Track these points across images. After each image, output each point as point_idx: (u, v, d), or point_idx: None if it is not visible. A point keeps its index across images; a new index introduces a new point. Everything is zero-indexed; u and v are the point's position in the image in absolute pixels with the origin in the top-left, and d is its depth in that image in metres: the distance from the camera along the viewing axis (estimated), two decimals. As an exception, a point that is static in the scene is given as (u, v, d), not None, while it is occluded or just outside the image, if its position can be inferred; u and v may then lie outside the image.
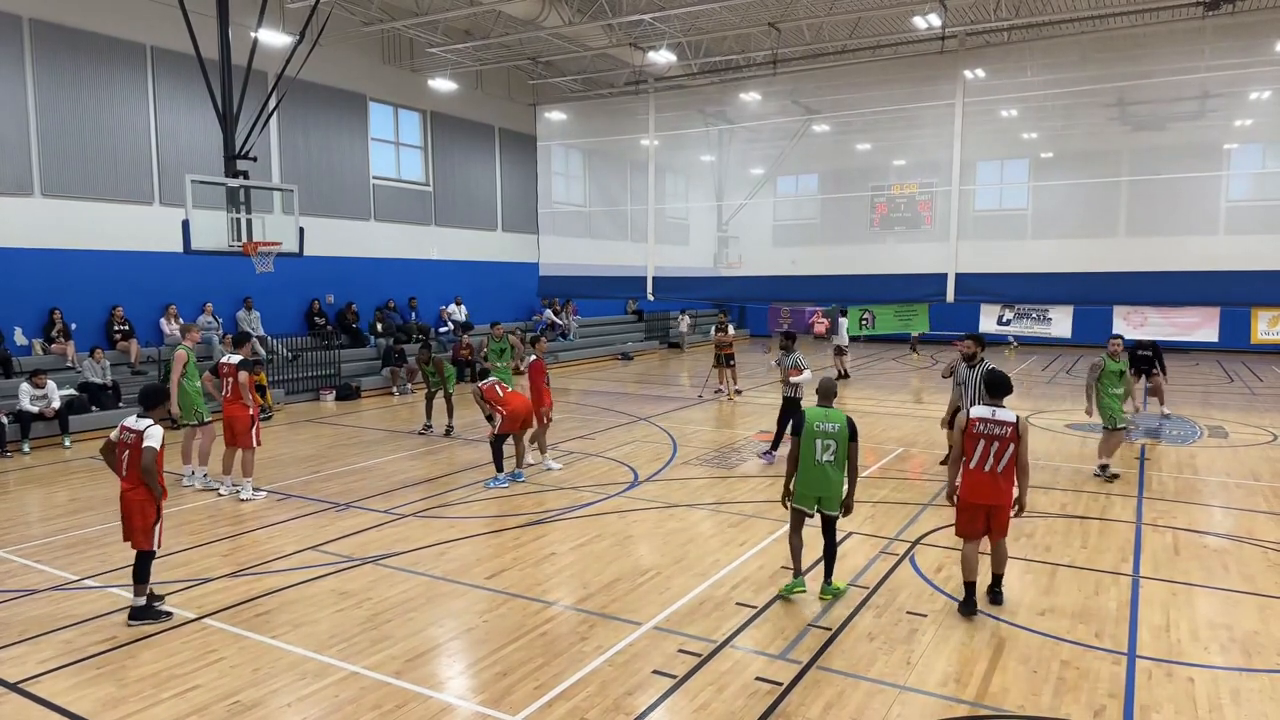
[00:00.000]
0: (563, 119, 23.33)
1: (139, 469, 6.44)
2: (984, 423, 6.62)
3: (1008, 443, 6.53)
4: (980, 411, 6.70)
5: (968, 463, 6.65)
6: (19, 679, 5.68)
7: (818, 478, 6.82)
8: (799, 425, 6.86)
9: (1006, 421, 6.56)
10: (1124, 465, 11.95)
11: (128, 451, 6.52)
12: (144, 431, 6.49)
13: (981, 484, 6.60)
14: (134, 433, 6.52)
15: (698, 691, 5.48)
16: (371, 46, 20.98)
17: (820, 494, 6.84)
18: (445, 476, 11.43)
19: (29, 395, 13.10)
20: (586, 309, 28.59)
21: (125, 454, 6.53)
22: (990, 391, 6.85)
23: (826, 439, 6.79)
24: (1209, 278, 15.38)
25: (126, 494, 6.55)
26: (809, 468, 6.84)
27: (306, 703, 5.36)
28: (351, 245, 20.73)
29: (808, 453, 6.81)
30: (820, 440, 6.79)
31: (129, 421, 6.63)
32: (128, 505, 6.53)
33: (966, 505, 6.69)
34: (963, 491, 6.70)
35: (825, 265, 19.55)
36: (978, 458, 6.61)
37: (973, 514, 6.66)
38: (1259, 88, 16.81)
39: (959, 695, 5.44)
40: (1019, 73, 17.58)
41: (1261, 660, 5.95)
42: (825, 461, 6.79)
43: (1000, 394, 6.78)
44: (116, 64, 15.94)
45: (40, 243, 15.08)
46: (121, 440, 6.59)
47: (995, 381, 6.89)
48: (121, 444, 6.58)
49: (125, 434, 6.58)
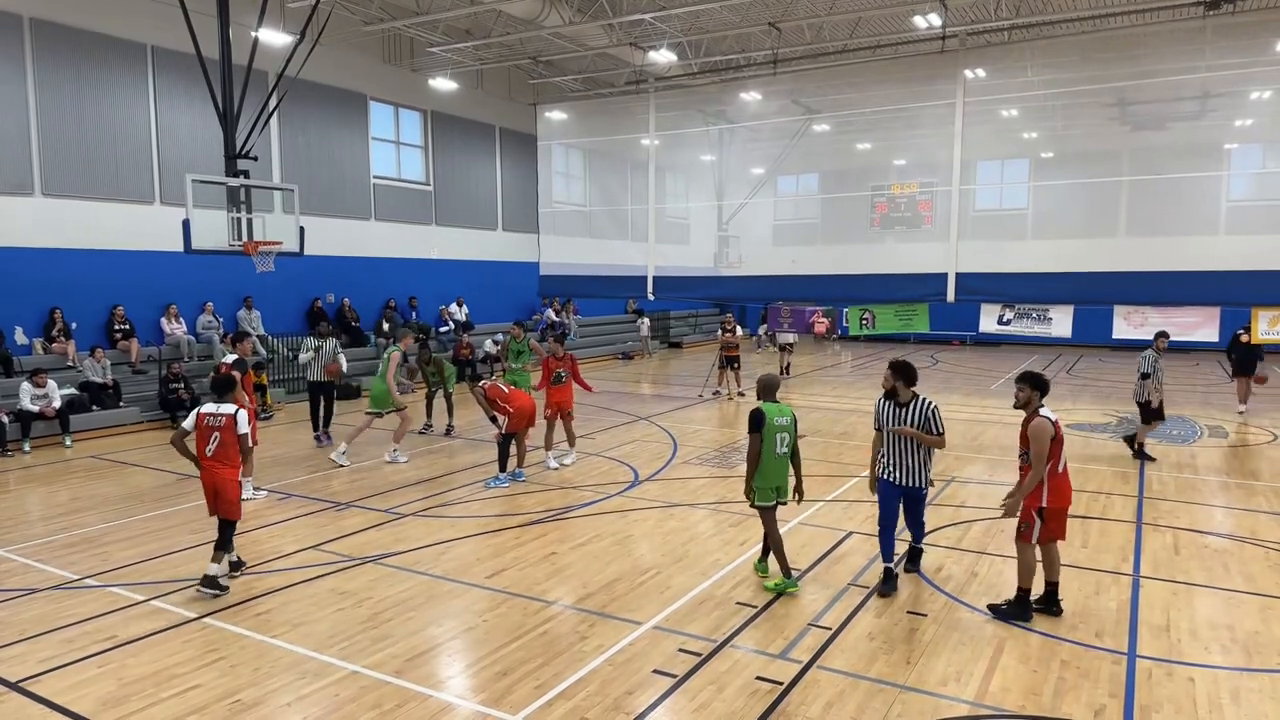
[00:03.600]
0: (563, 118, 23.31)
1: (233, 448, 7.23)
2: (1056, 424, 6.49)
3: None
4: (1052, 413, 6.52)
5: (1055, 467, 6.48)
6: (19, 678, 5.68)
7: (779, 470, 7.20)
8: (759, 423, 7.06)
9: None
10: (1124, 465, 11.96)
11: (217, 433, 7.20)
12: (235, 415, 7.25)
13: (1070, 485, 6.66)
14: (224, 415, 7.25)
15: (698, 691, 5.48)
16: (372, 46, 20.98)
17: (780, 484, 7.23)
18: (445, 476, 11.43)
19: (30, 394, 13.11)
20: (587, 308, 28.59)
21: (214, 435, 7.21)
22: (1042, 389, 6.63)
23: (783, 432, 7.15)
24: (1209, 277, 15.36)
25: (216, 472, 7.19)
26: (771, 461, 7.14)
27: (306, 702, 5.36)
28: (352, 245, 20.72)
29: (769, 447, 7.10)
30: (779, 434, 7.12)
31: (208, 408, 7.33)
32: (220, 481, 7.18)
33: (1065, 510, 6.62)
34: (1059, 499, 6.54)
35: (825, 265, 19.54)
36: (1064, 462, 6.56)
37: (1064, 518, 6.65)
38: (1259, 87, 16.78)
39: (959, 695, 5.44)
40: (1019, 72, 17.56)
41: (1262, 660, 5.95)
42: (782, 454, 7.18)
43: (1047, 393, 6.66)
44: (117, 63, 15.95)
45: (41, 242, 15.08)
46: (209, 425, 7.25)
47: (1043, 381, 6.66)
48: (210, 428, 7.24)
49: (212, 419, 7.26)
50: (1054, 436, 6.40)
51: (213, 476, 7.20)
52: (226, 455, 7.21)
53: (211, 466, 7.21)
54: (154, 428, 14.81)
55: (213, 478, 7.20)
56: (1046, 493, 6.49)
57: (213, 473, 7.20)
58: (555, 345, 12.27)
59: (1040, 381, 6.61)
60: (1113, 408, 16.90)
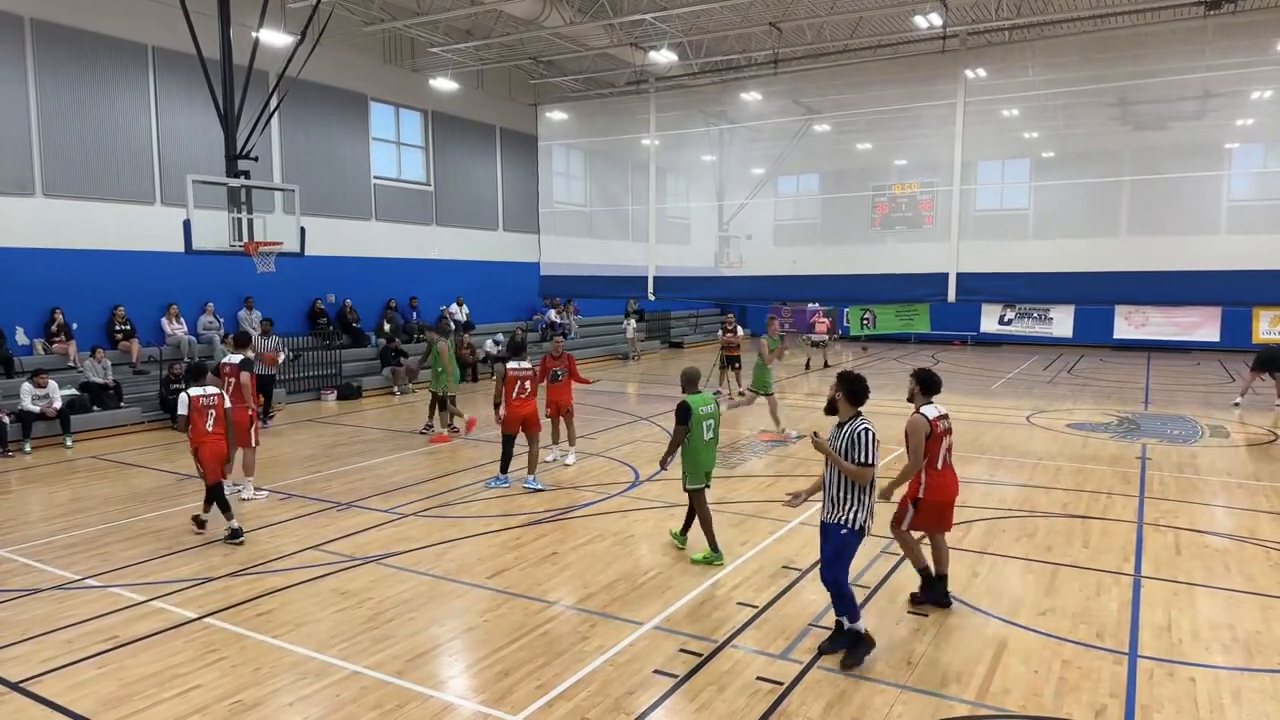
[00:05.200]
0: (564, 119, 23.32)
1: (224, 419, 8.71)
2: (944, 420, 6.71)
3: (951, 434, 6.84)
4: (932, 411, 6.65)
5: (933, 463, 6.59)
6: (20, 678, 5.68)
7: (708, 454, 7.91)
8: (687, 414, 7.67)
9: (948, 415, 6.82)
10: (1125, 465, 11.95)
11: (212, 411, 8.60)
12: (220, 393, 8.81)
13: (952, 481, 6.77)
14: (213, 394, 8.67)
15: (698, 691, 5.48)
16: (372, 46, 20.98)
17: (709, 468, 7.91)
18: (446, 476, 11.43)
19: (31, 395, 13.11)
20: (587, 309, 28.59)
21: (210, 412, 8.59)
22: (929, 390, 6.74)
23: (708, 420, 7.84)
24: (1210, 277, 15.37)
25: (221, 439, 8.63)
26: (700, 448, 7.80)
27: (307, 702, 5.36)
28: (352, 245, 20.72)
29: (698, 434, 7.74)
30: (705, 422, 7.79)
31: (196, 391, 8.57)
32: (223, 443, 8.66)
33: (944, 504, 6.71)
34: (935, 493, 6.63)
35: (826, 265, 19.55)
36: (942, 457, 6.66)
37: (945, 511, 6.77)
38: (1260, 87, 16.79)
39: (960, 695, 5.43)
40: (1020, 72, 17.57)
41: (1263, 660, 5.94)
42: (710, 439, 7.87)
43: (936, 390, 6.79)
44: (118, 64, 15.95)
45: (42, 242, 15.08)
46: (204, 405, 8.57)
47: (931, 379, 6.78)
48: (205, 407, 8.57)
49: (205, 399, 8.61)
50: (930, 434, 6.54)
51: (217, 443, 8.53)
52: (223, 426, 8.70)
53: (214, 439, 8.54)
54: (155, 428, 14.82)
55: (217, 444, 8.53)
56: (924, 486, 6.64)
57: (217, 441, 8.54)
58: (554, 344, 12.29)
59: (925, 378, 6.71)
60: (1113, 408, 16.89)
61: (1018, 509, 9.77)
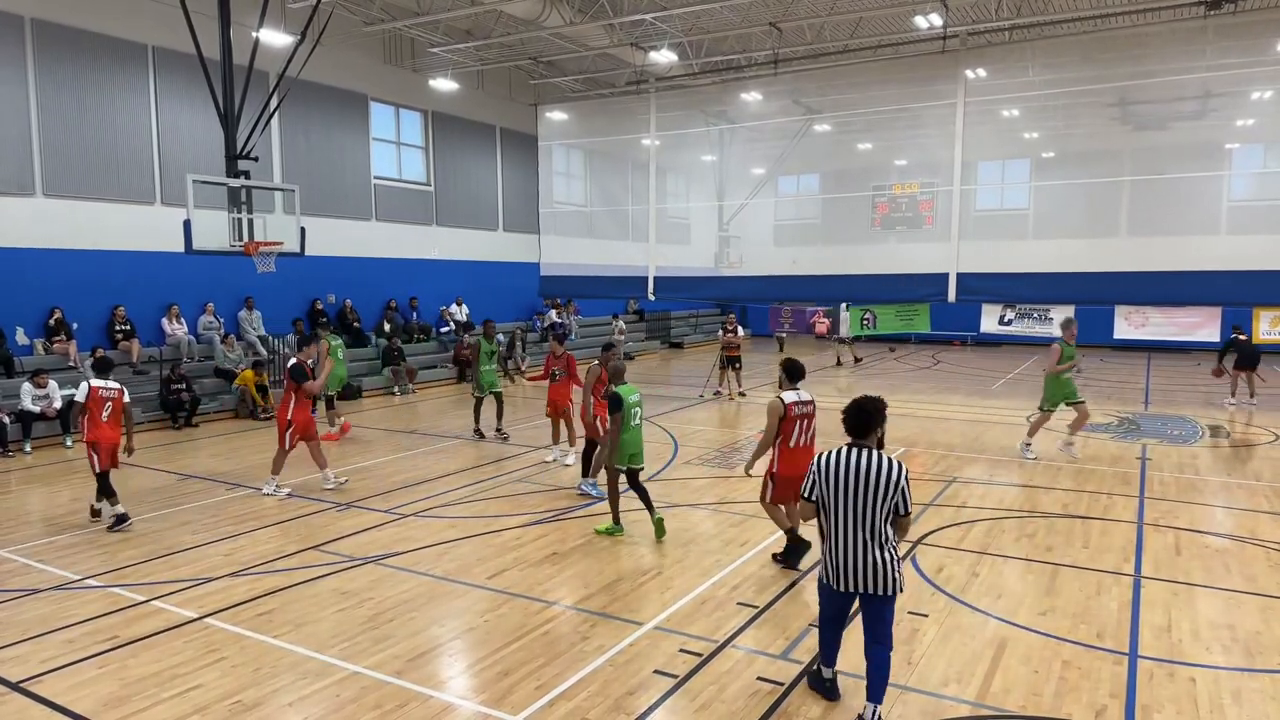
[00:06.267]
0: (564, 119, 23.32)
1: (120, 414, 9.18)
2: (801, 405, 7.55)
3: (813, 419, 7.65)
4: (791, 396, 7.54)
5: (786, 442, 7.48)
6: (21, 678, 5.68)
7: (634, 439, 8.64)
8: (619, 404, 8.38)
9: (810, 400, 7.66)
10: (1125, 465, 11.96)
11: (110, 404, 9.06)
12: (122, 389, 9.27)
13: (804, 458, 7.36)
14: (115, 389, 9.17)
15: (699, 691, 5.48)
16: (373, 46, 20.99)
17: (634, 451, 8.64)
18: (446, 476, 11.43)
19: (31, 395, 13.12)
20: (588, 309, 28.59)
21: (108, 405, 9.05)
22: (793, 377, 7.68)
23: (635, 408, 8.66)
24: (1211, 278, 15.37)
25: (116, 431, 9.11)
26: (628, 432, 8.54)
27: (308, 702, 5.36)
28: (353, 245, 20.73)
29: (626, 421, 8.49)
30: (633, 409, 8.62)
31: (98, 383, 9.14)
32: (116, 439, 9.13)
33: (794, 478, 7.25)
34: (787, 468, 7.45)
35: (826, 265, 19.54)
36: (795, 437, 7.51)
37: (797, 484, 7.10)
38: (1261, 87, 16.79)
39: (960, 695, 5.43)
40: (1020, 72, 17.57)
41: (1263, 660, 5.94)
42: (636, 425, 8.65)
43: (800, 378, 7.70)
44: (118, 64, 15.95)
45: (42, 242, 15.09)
46: (103, 396, 9.06)
47: (795, 368, 7.71)
48: (103, 399, 9.05)
49: (105, 390, 9.09)
50: (784, 415, 7.44)
51: (113, 433, 9.05)
52: (118, 420, 9.14)
53: (108, 429, 9.02)
54: (155, 428, 14.82)
55: (113, 434, 9.05)
56: (777, 461, 7.56)
57: (113, 431, 9.07)
58: (554, 344, 12.37)
59: (789, 367, 7.69)
60: (1113, 408, 16.89)
61: (1018, 509, 9.78)
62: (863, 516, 4.82)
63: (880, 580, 4.82)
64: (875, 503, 4.80)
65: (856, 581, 4.86)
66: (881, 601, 4.89)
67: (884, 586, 4.83)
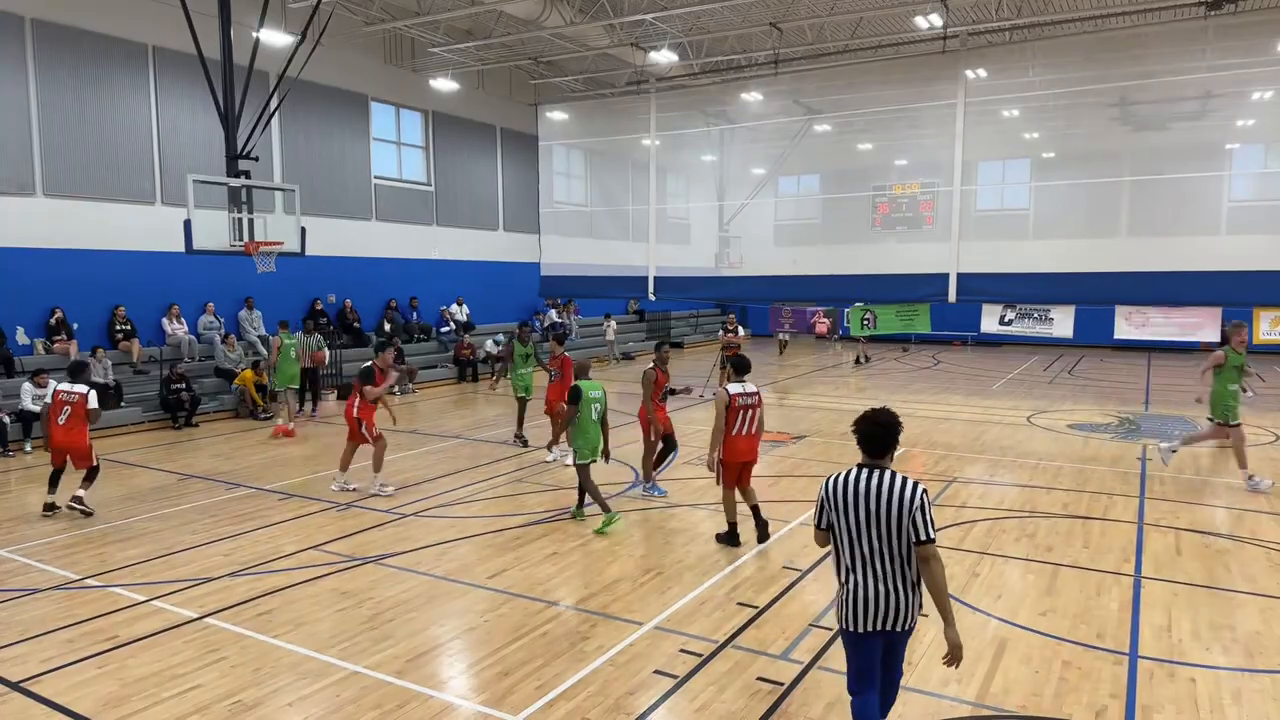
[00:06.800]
0: (564, 119, 23.32)
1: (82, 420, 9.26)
2: (746, 397, 8.15)
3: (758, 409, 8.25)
4: (736, 388, 8.20)
5: (731, 431, 8.06)
6: (21, 678, 5.68)
7: (595, 432, 8.99)
8: (577, 397, 8.82)
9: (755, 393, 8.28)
10: (1125, 465, 11.95)
11: (69, 407, 9.22)
12: (86, 394, 9.27)
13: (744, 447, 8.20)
14: (77, 394, 9.25)
15: (699, 691, 5.48)
16: (373, 46, 20.99)
17: (595, 444, 8.98)
18: (446, 476, 11.44)
19: (31, 395, 13.10)
20: (588, 309, 28.58)
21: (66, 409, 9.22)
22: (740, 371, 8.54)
23: (595, 402, 8.99)
24: (1211, 278, 15.36)
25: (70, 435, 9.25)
26: (588, 425, 8.92)
27: (308, 702, 5.36)
28: (353, 245, 20.73)
29: (586, 414, 8.87)
30: (593, 404, 8.95)
31: (64, 387, 9.34)
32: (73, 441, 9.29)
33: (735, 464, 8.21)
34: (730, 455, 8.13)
35: (826, 265, 19.55)
36: (738, 426, 8.09)
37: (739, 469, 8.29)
38: (1261, 88, 16.79)
39: (960, 695, 5.43)
40: (1020, 73, 17.58)
41: (1264, 661, 5.94)
42: (595, 419, 8.98)
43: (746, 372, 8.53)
44: (118, 64, 15.95)
45: (42, 242, 15.08)
46: (63, 400, 9.28)
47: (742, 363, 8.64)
48: (63, 403, 9.27)
49: (66, 395, 9.27)
50: (729, 405, 8.04)
51: (67, 438, 9.25)
52: (76, 425, 9.24)
53: (64, 432, 9.24)
54: (155, 428, 14.82)
55: (67, 439, 9.26)
56: (724, 448, 8.12)
57: (67, 436, 9.25)
58: (554, 344, 12.42)
59: (736, 362, 8.68)
60: (1113, 408, 16.89)
61: (1018, 509, 9.77)
62: (882, 547, 4.25)
63: (903, 617, 4.30)
64: (894, 531, 4.23)
65: (878, 619, 4.25)
66: (901, 637, 4.41)
67: (905, 622, 4.33)
